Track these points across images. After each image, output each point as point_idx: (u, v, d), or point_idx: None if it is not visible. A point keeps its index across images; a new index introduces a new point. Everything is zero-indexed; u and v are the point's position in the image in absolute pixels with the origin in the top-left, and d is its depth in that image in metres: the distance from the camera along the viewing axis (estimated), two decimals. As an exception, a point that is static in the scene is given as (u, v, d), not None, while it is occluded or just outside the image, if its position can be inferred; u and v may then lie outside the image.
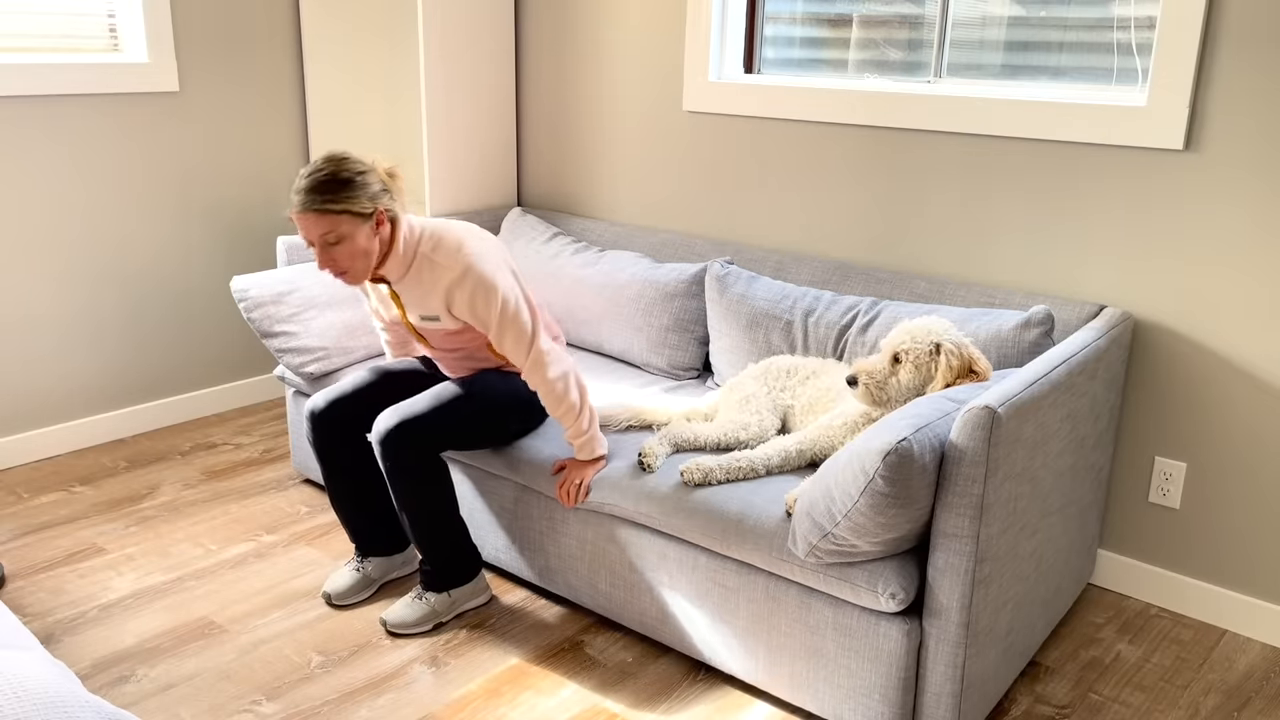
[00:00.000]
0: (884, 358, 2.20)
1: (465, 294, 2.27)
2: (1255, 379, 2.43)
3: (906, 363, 2.16)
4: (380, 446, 2.32)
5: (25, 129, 3.16)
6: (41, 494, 3.14)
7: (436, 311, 2.33)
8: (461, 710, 2.20)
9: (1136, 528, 2.66)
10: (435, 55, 3.37)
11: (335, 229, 2.17)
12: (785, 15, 3.12)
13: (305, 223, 2.18)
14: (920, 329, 2.18)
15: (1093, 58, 2.60)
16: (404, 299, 2.37)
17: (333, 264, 2.22)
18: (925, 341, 2.16)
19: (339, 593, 2.55)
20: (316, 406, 2.48)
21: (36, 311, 3.28)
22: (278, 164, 3.79)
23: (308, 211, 2.17)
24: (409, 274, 2.32)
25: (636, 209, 3.47)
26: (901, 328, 2.21)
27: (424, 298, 2.33)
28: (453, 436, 2.38)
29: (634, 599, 2.38)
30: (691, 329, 2.96)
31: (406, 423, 2.31)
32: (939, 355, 2.15)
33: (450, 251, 2.29)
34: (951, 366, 2.14)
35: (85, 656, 2.35)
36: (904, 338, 2.18)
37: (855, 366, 2.21)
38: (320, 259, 2.22)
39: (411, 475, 2.33)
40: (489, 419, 2.43)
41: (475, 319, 2.31)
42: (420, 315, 2.37)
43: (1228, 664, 2.42)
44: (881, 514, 1.84)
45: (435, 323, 2.36)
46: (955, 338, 2.17)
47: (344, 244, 2.19)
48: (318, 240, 2.19)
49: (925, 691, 2.00)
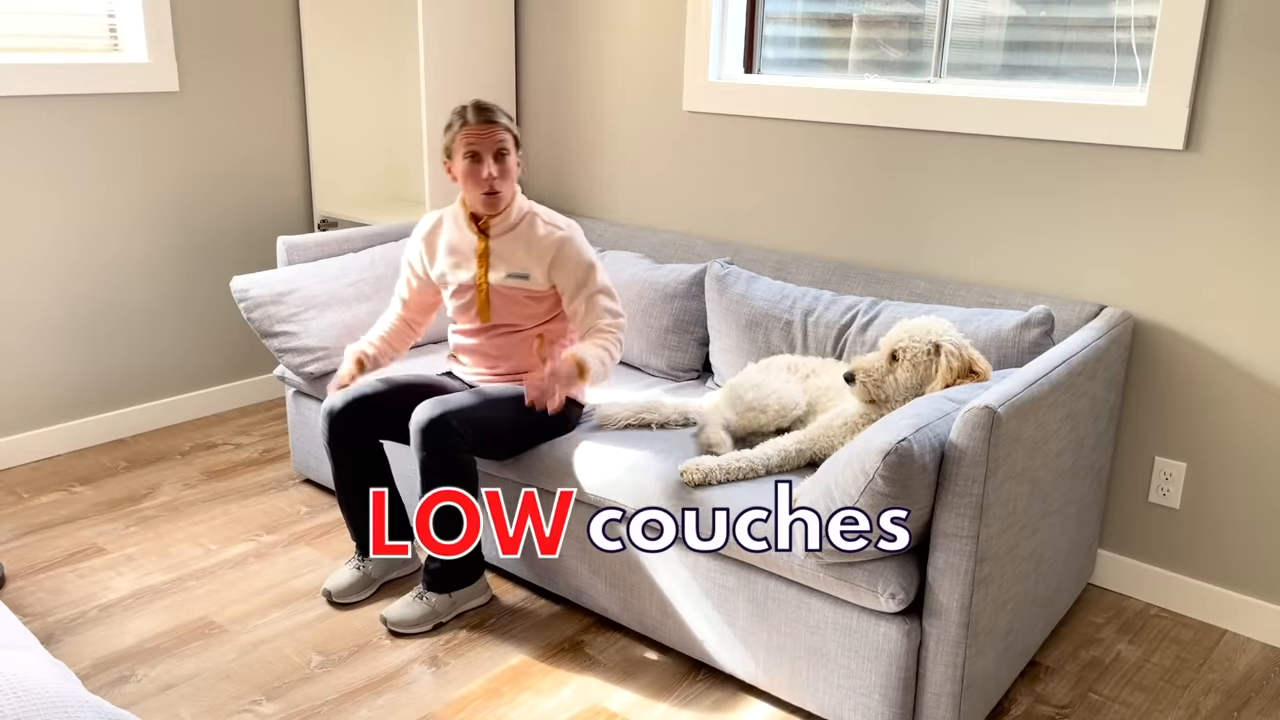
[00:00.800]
0: (882, 355, 2.20)
1: (572, 248, 2.52)
2: (1255, 379, 2.43)
3: (904, 361, 2.16)
4: (420, 435, 2.33)
5: (25, 129, 3.16)
6: (41, 494, 3.14)
7: (529, 269, 2.51)
8: (461, 710, 2.20)
9: (1136, 528, 2.66)
10: (435, 55, 3.37)
11: (506, 143, 2.46)
12: (785, 15, 3.12)
13: (483, 132, 2.44)
14: (919, 328, 2.18)
15: (1093, 58, 2.60)
16: (496, 254, 2.53)
17: (492, 179, 2.45)
18: (924, 341, 2.16)
19: (339, 590, 2.55)
20: (334, 406, 2.48)
21: (36, 311, 3.28)
22: (278, 164, 3.79)
23: (491, 123, 2.44)
24: (513, 230, 2.53)
25: (636, 209, 3.47)
26: (901, 326, 2.21)
27: (523, 252, 2.52)
28: (489, 436, 2.40)
29: (634, 599, 2.38)
30: (691, 330, 2.96)
31: (448, 415, 2.33)
32: (939, 356, 2.15)
33: (558, 216, 2.59)
34: (952, 368, 2.14)
35: (85, 656, 2.35)
36: (902, 336, 2.18)
37: (853, 363, 2.21)
38: (486, 170, 2.44)
39: (445, 468, 2.34)
40: (523, 425, 2.46)
41: (570, 268, 2.51)
42: (508, 273, 2.52)
43: (1228, 664, 2.42)
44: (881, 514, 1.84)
45: (522, 281, 2.52)
46: (955, 338, 2.17)
47: (506, 159, 2.47)
48: (492, 151, 2.44)
49: (925, 691, 2.00)
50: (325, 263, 3.08)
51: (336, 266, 3.08)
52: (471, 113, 2.45)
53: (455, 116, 2.48)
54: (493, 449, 2.45)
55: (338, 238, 3.18)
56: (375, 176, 4.10)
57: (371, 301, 3.06)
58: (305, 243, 3.10)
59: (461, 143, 2.46)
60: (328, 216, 3.90)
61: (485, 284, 2.52)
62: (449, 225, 2.61)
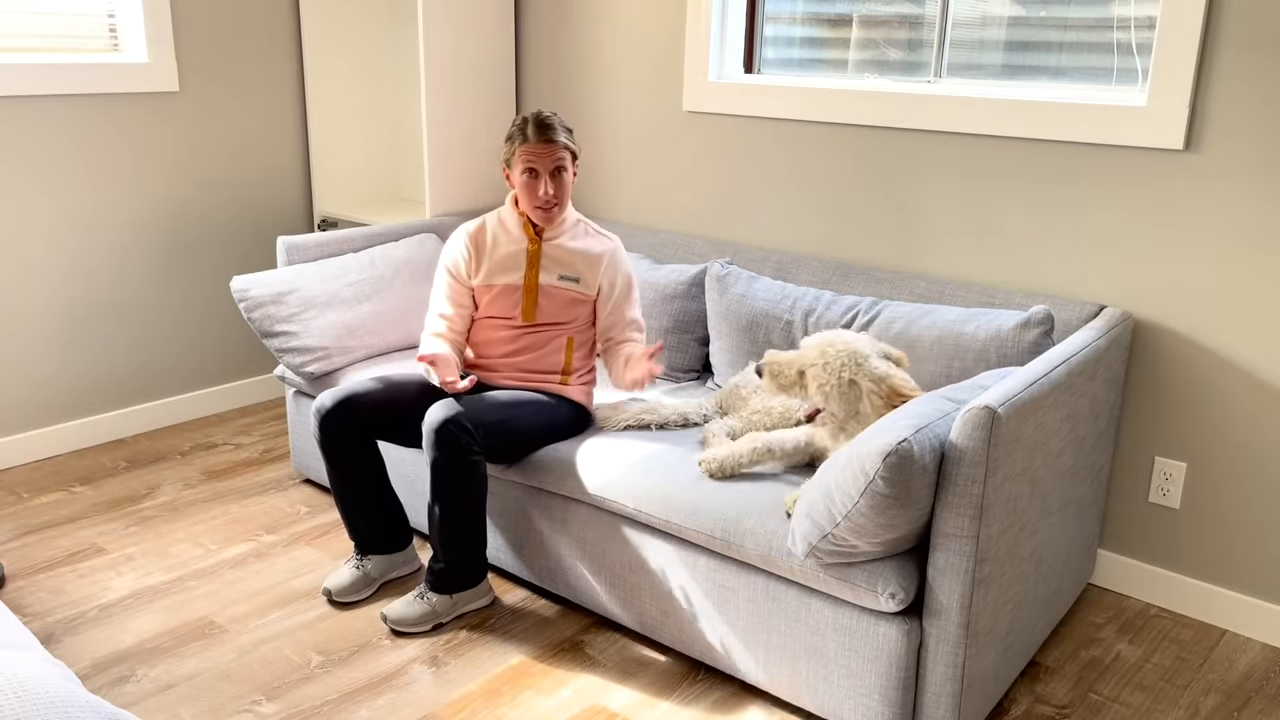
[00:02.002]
0: (794, 367, 2.18)
1: (622, 256, 2.64)
2: (1255, 379, 2.43)
3: (812, 384, 2.14)
4: (434, 435, 2.33)
5: (25, 129, 3.16)
6: (41, 494, 3.14)
7: (581, 273, 2.59)
8: (461, 710, 2.20)
9: (1136, 528, 2.66)
10: (435, 55, 3.37)
11: (563, 161, 2.50)
12: (785, 15, 3.12)
13: (542, 151, 2.47)
14: (834, 356, 2.13)
15: (1093, 58, 2.60)
16: (548, 256, 2.57)
17: (551, 193, 2.50)
18: (836, 373, 2.13)
19: (339, 589, 2.55)
20: (324, 405, 2.48)
21: (36, 311, 3.28)
22: (278, 164, 3.79)
23: (551, 142, 2.47)
24: (565, 235, 2.60)
25: (636, 209, 3.47)
26: (818, 344, 2.16)
27: (576, 256, 2.59)
28: (501, 438, 2.41)
29: (634, 599, 2.38)
30: (691, 330, 2.96)
31: (462, 416, 2.34)
32: (860, 390, 2.13)
33: (606, 229, 2.72)
34: (875, 406, 2.11)
35: (85, 656, 2.35)
36: (815, 359, 2.14)
37: (768, 357, 2.21)
38: (544, 188, 2.49)
39: (456, 470, 2.34)
40: (534, 429, 2.47)
41: (617, 274, 2.62)
42: (560, 275, 2.57)
43: (1228, 664, 2.42)
44: (881, 514, 1.84)
45: (571, 284, 2.58)
46: (873, 368, 2.13)
47: (563, 175, 2.51)
48: (551, 168, 2.48)
49: (925, 691, 2.00)
50: (325, 263, 3.08)
51: (336, 266, 3.08)
52: (532, 129, 2.47)
53: (516, 130, 2.50)
54: (505, 452, 2.45)
55: (338, 238, 3.18)
56: (375, 176, 4.10)
57: (371, 301, 3.07)
58: (305, 243, 3.10)
59: (520, 158, 2.48)
60: (328, 216, 3.90)
61: (536, 285, 2.55)
62: (495, 228, 2.62)
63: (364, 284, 3.08)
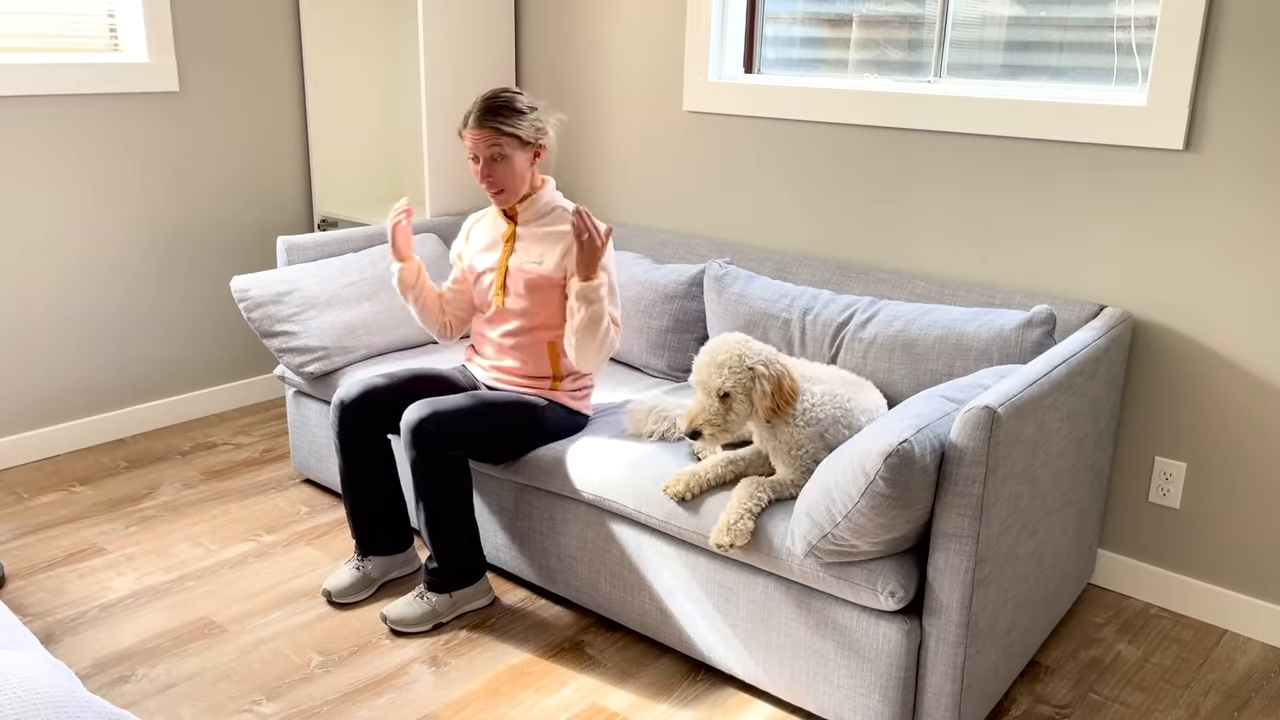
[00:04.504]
0: (710, 398, 2.13)
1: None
2: (1255, 378, 2.43)
3: (737, 396, 2.11)
4: (410, 434, 2.34)
5: (25, 129, 3.16)
6: (41, 494, 3.14)
7: (544, 255, 2.51)
8: (461, 710, 2.20)
9: (1136, 528, 2.66)
10: (435, 54, 3.37)
11: (501, 148, 2.43)
12: (785, 15, 3.12)
13: (478, 137, 2.43)
14: (731, 357, 2.12)
15: (1093, 58, 2.60)
16: (521, 242, 2.55)
17: (490, 180, 2.46)
18: (741, 369, 2.11)
19: (339, 590, 2.56)
20: (347, 397, 2.49)
21: (36, 311, 3.28)
22: (278, 164, 3.79)
23: (481, 127, 2.42)
24: (541, 220, 2.55)
25: (636, 209, 3.47)
26: (709, 363, 2.14)
27: (547, 241, 2.52)
28: (480, 439, 2.41)
29: (634, 599, 2.38)
30: (691, 330, 2.96)
31: (439, 415, 2.34)
32: (754, 380, 2.11)
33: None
34: (766, 392, 2.10)
35: (85, 656, 2.35)
36: (721, 374, 2.11)
37: (687, 417, 2.14)
38: (482, 173, 2.46)
39: (435, 468, 2.35)
40: (516, 431, 2.46)
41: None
42: (528, 258, 2.53)
43: (1228, 664, 2.42)
44: (882, 515, 1.84)
45: (535, 266, 2.51)
46: (758, 350, 2.13)
47: (504, 164, 2.45)
48: (487, 154, 2.43)
49: (925, 691, 2.00)
50: (325, 263, 3.08)
51: (336, 266, 3.08)
52: (474, 113, 2.45)
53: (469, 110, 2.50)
54: (484, 453, 2.46)
55: (338, 238, 3.18)
56: (375, 176, 4.10)
57: (372, 301, 3.06)
58: (305, 243, 3.10)
59: (464, 141, 2.49)
60: (328, 216, 3.90)
61: (505, 266, 2.55)
62: (490, 214, 2.68)
63: (364, 284, 3.08)
